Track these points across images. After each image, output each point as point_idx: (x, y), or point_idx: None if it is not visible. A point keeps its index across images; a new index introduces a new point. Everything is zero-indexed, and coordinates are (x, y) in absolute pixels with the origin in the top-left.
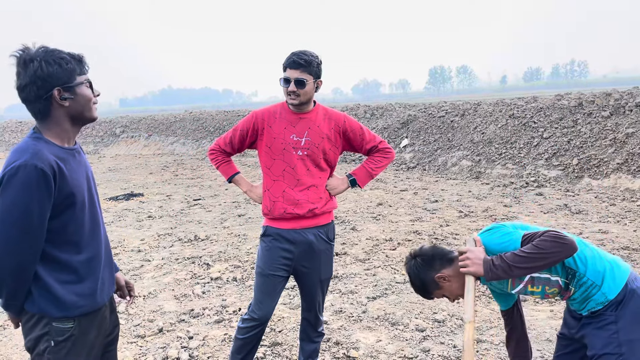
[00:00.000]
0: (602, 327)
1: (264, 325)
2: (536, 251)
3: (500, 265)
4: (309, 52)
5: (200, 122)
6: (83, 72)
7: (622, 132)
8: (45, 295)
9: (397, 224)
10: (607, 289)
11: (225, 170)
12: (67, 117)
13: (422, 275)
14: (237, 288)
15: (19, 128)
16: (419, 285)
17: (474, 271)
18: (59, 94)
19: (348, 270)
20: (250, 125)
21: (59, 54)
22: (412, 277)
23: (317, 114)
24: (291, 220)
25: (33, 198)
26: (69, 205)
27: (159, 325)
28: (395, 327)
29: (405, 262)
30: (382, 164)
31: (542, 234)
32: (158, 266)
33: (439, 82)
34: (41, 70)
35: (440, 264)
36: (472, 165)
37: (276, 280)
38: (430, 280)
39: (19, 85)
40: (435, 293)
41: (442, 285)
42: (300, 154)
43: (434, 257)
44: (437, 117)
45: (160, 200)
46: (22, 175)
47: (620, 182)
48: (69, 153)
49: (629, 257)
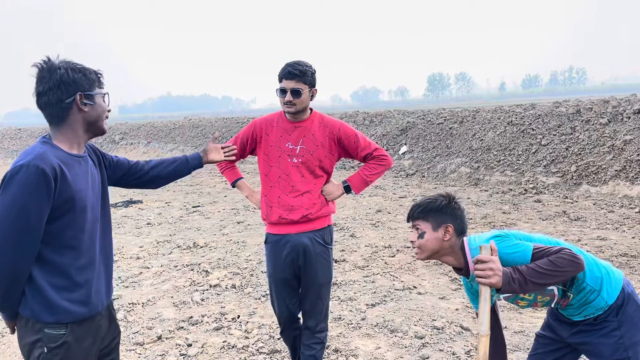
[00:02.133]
0: (607, 335)
1: (293, 328)
2: (553, 268)
3: (517, 279)
4: (302, 62)
5: (200, 129)
6: (101, 86)
7: (620, 139)
8: (38, 298)
9: (396, 231)
10: (606, 294)
11: (230, 176)
12: (83, 123)
13: (441, 208)
14: (236, 295)
15: (17, 135)
16: (429, 208)
17: (495, 282)
18: (80, 99)
19: (347, 277)
20: (250, 133)
21: (82, 66)
22: (431, 199)
23: (312, 122)
24: (287, 225)
25: (32, 197)
26: (68, 209)
27: (158, 332)
28: (394, 334)
29: (439, 194)
30: (377, 171)
31: (558, 250)
32: (157, 273)
33: (438, 89)
34: (67, 76)
35: (458, 225)
36: (470, 172)
37: (280, 285)
38: (439, 217)
39: (42, 89)
40: (427, 225)
41: (438, 234)
42: (295, 162)
43: (461, 217)
44: (436, 124)
45: (159, 207)
46: (23, 175)
47: (619, 189)
48: (74, 159)
49: (627, 263)
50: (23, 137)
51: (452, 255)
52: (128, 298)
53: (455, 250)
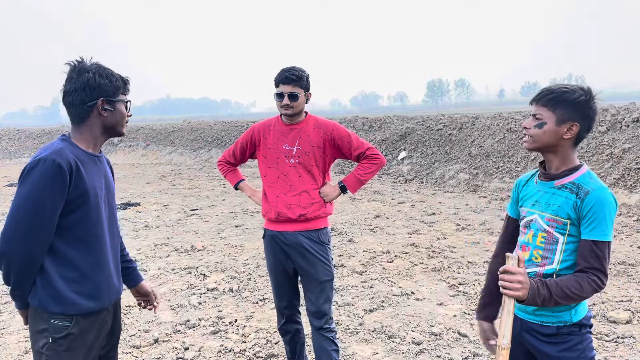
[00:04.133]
0: (570, 349)
1: (293, 321)
2: (579, 293)
3: (544, 295)
4: (297, 67)
5: (199, 132)
6: (125, 93)
7: (619, 148)
8: (47, 289)
9: (395, 237)
10: (574, 312)
11: (232, 178)
12: (101, 126)
13: (576, 102)
14: (233, 299)
15: (16, 136)
16: (562, 99)
17: (521, 295)
18: (102, 104)
19: (345, 282)
20: (249, 138)
21: (110, 72)
22: (568, 89)
23: (307, 124)
24: (285, 223)
25: (47, 190)
26: (82, 203)
27: (155, 335)
28: (392, 340)
29: (579, 86)
30: (371, 170)
31: (592, 272)
32: (154, 276)
33: (437, 95)
34: (93, 81)
35: (584, 127)
36: (469, 179)
37: (280, 276)
38: (569, 111)
39: (68, 89)
40: (552, 116)
41: (560, 130)
42: (293, 162)
43: (591, 119)
44: (435, 130)
45: (157, 210)
46: (40, 168)
47: (617, 197)
48: (90, 158)
49: (625, 272)
50: (21, 138)
51: (559, 158)
52: (125, 300)
53: (566, 156)
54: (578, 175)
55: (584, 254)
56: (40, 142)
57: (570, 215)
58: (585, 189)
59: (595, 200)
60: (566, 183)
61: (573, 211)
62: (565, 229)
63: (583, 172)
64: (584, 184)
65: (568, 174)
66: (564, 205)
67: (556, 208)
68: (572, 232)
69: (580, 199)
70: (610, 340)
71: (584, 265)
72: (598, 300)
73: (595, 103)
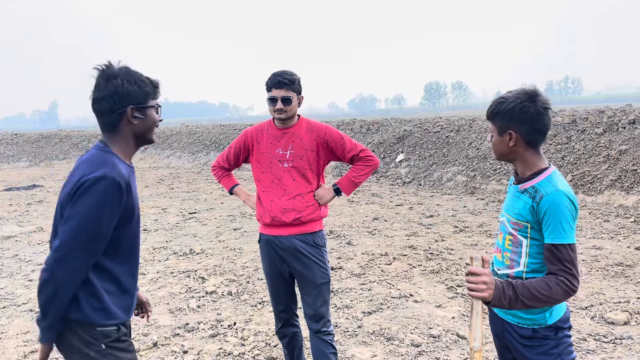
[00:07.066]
0: (546, 352)
1: (290, 324)
2: (547, 294)
3: (509, 295)
4: (289, 71)
5: (197, 136)
6: (155, 97)
7: (616, 149)
8: (92, 302)
9: (393, 239)
10: (549, 314)
11: (226, 183)
12: (132, 135)
13: (507, 110)
14: (232, 302)
15: (14, 140)
16: (496, 111)
17: (487, 296)
18: (132, 112)
19: (343, 285)
20: (242, 143)
21: (139, 77)
22: (502, 99)
23: (300, 127)
24: (279, 227)
25: (106, 208)
26: (128, 218)
27: (154, 339)
28: (391, 342)
29: (518, 91)
30: (365, 171)
31: (560, 274)
32: (153, 280)
33: (434, 98)
34: (122, 88)
35: (525, 131)
36: (467, 181)
37: (276, 280)
38: (504, 121)
39: (97, 96)
40: (494, 128)
41: (503, 139)
42: (286, 166)
43: (531, 122)
44: (433, 132)
45: (155, 213)
46: (102, 186)
47: (614, 198)
48: (132, 170)
49: (622, 273)
50: (19, 143)
51: (520, 164)
52: None
53: (525, 161)
54: (540, 180)
55: (547, 257)
56: (38, 147)
57: (528, 218)
58: (540, 193)
59: (548, 204)
60: (528, 187)
61: (531, 215)
62: (527, 232)
63: (545, 175)
64: (541, 188)
65: (532, 177)
66: (522, 209)
67: (517, 212)
68: (533, 236)
69: (536, 203)
70: (608, 342)
71: (550, 269)
72: (596, 302)
73: (537, 103)
